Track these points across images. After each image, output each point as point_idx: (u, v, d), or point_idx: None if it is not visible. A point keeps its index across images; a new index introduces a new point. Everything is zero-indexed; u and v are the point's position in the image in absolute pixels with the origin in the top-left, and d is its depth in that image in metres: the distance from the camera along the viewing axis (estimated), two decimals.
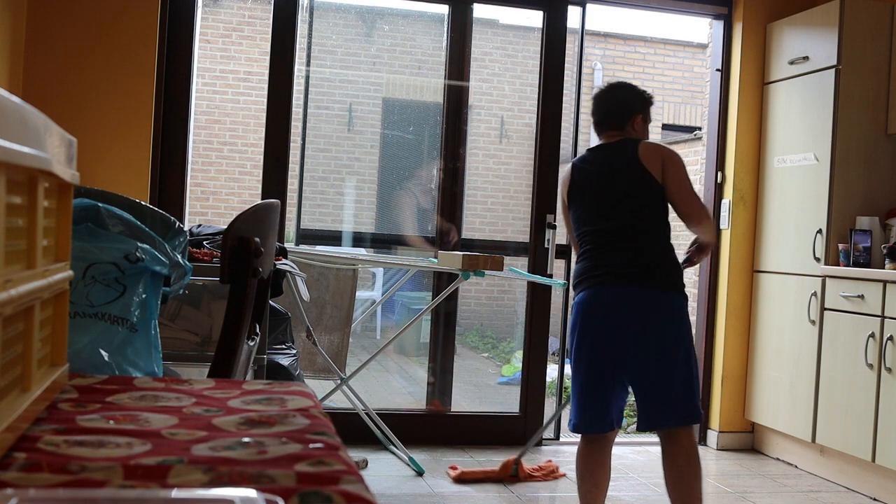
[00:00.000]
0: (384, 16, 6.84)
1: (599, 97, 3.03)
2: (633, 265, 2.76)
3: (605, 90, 3.05)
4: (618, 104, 2.98)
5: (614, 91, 3.04)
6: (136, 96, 3.81)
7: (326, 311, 3.92)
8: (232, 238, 1.54)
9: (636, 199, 2.82)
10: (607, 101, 3.01)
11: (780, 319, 4.24)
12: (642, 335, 2.73)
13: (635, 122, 2.96)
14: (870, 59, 4.01)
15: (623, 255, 2.78)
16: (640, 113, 2.98)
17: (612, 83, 3.10)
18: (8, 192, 0.77)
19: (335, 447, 0.86)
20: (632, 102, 2.99)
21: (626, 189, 2.82)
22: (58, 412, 0.96)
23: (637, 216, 2.81)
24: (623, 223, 2.81)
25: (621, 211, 2.83)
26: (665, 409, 2.75)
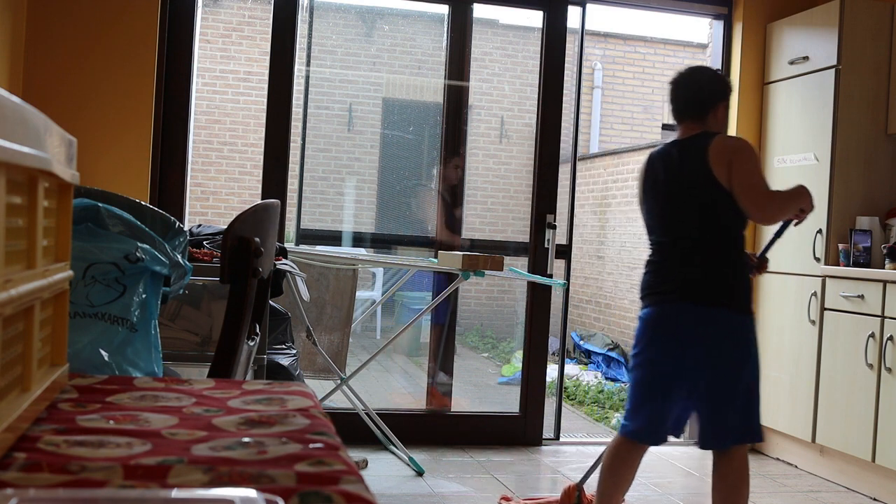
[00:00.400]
0: (384, 16, 6.84)
1: (678, 82, 2.80)
2: (699, 284, 2.64)
3: (685, 74, 2.81)
4: (699, 90, 2.75)
5: (695, 75, 2.81)
6: (136, 96, 3.81)
7: (326, 311, 3.92)
8: (232, 238, 1.54)
9: (706, 209, 2.66)
10: (687, 86, 2.77)
11: (780, 319, 4.24)
12: (706, 357, 2.64)
13: (718, 110, 2.76)
14: (870, 59, 4.02)
15: (690, 272, 2.65)
16: (724, 100, 2.77)
17: (691, 66, 2.88)
18: (8, 192, 0.77)
19: (335, 447, 0.86)
20: (714, 88, 2.77)
21: (695, 197, 2.67)
22: (58, 412, 0.96)
23: (707, 229, 2.66)
24: (691, 236, 2.68)
25: (689, 223, 2.68)
26: (723, 433, 2.68)
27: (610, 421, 5.55)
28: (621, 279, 7.56)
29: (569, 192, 4.67)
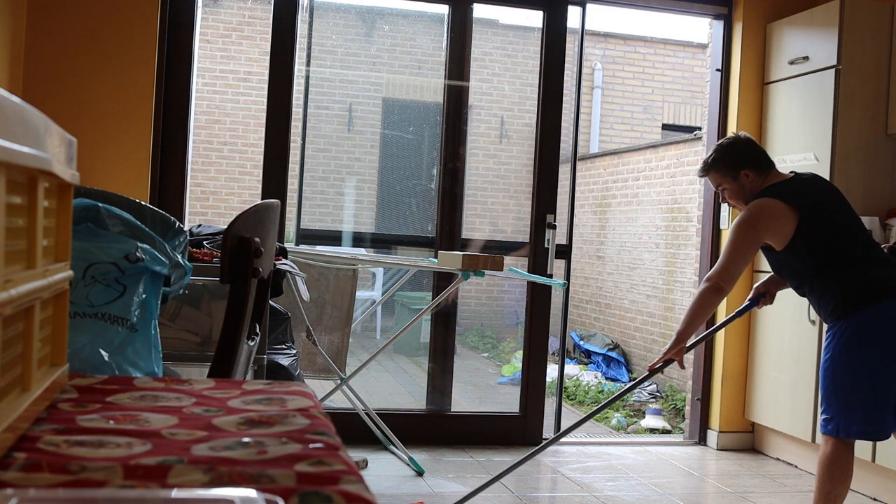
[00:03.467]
0: (384, 16, 6.84)
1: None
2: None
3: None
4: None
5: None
6: (136, 96, 3.81)
7: (326, 311, 3.92)
8: (232, 238, 1.54)
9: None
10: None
11: (780, 319, 4.24)
12: None
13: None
14: (870, 59, 4.02)
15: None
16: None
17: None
18: (8, 192, 0.77)
19: (335, 447, 0.86)
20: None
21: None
22: (58, 412, 0.96)
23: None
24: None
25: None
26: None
27: (610, 421, 5.55)
28: (621, 279, 7.56)
29: (569, 192, 4.67)
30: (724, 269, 2.92)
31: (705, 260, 4.65)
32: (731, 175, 3.04)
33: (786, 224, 2.90)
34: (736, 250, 2.91)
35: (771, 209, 2.91)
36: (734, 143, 3.09)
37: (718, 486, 3.92)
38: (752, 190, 3.02)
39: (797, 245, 2.89)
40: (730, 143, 3.11)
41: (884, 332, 2.81)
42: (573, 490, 3.70)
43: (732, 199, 3.08)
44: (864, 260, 2.88)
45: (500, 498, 3.49)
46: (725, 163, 3.05)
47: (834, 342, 2.87)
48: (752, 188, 3.02)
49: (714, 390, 4.58)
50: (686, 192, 6.54)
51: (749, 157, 3.04)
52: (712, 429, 4.58)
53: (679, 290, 6.54)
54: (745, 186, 3.02)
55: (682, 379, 6.09)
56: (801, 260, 2.93)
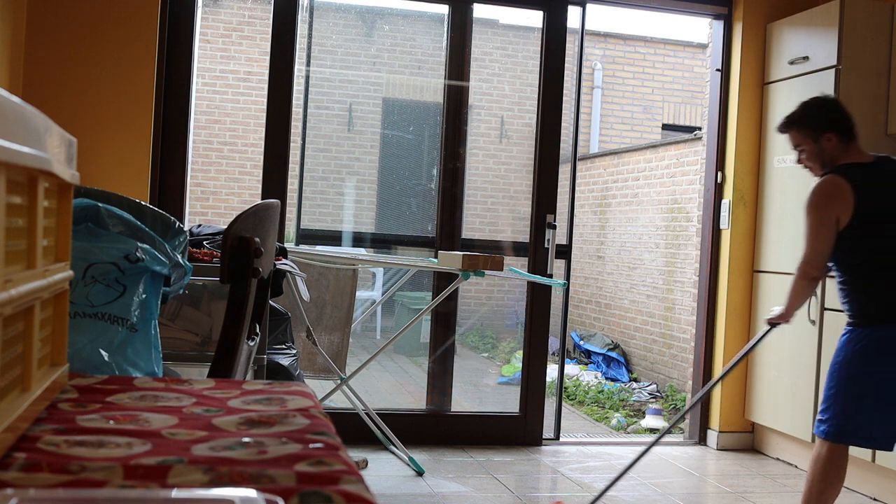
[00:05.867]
0: (384, 16, 6.84)
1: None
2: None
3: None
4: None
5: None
6: (136, 96, 3.81)
7: (326, 311, 3.92)
8: (232, 238, 1.54)
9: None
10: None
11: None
12: None
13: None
14: (870, 59, 4.02)
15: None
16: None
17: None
18: (8, 192, 0.77)
19: (335, 447, 0.86)
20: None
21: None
22: (58, 412, 0.96)
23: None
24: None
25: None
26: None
27: (610, 421, 5.55)
28: (621, 279, 7.56)
29: (569, 192, 4.67)
30: (811, 259, 2.86)
31: (705, 260, 4.65)
32: (812, 136, 2.91)
33: (848, 207, 2.79)
34: (815, 235, 2.83)
35: (839, 188, 2.81)
36: (822, 104, 2.96)
37: (718, 486, 3.92)
38: (831, 156, 2.89)
39: (847, 232, 2.81)
40: (818, 102, 2.97)
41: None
42: (573, 490, 3.70)
43: (810, 162, 2.95)
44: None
45: (500, 498, 3.49)
46: (810, 122, 2.91)
47: (849, 347, 2.83)
48: (832, 154, 2.89)
49: (714, 390, 4.58)
50: (686, 192, 6.54)
51: (835, 120, 2.90)
52: (712, 429, 4.58)
53: (679, 290, 6.54)
54: (825, 150, 2.89)
55: (682, 379, 6.09)
56: (839, 251, 2.84)
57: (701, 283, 4.69)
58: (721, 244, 4.57)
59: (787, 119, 2.99)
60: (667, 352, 6.67)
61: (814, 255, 2.86)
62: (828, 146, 2.89)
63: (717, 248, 4.59)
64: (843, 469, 2.84)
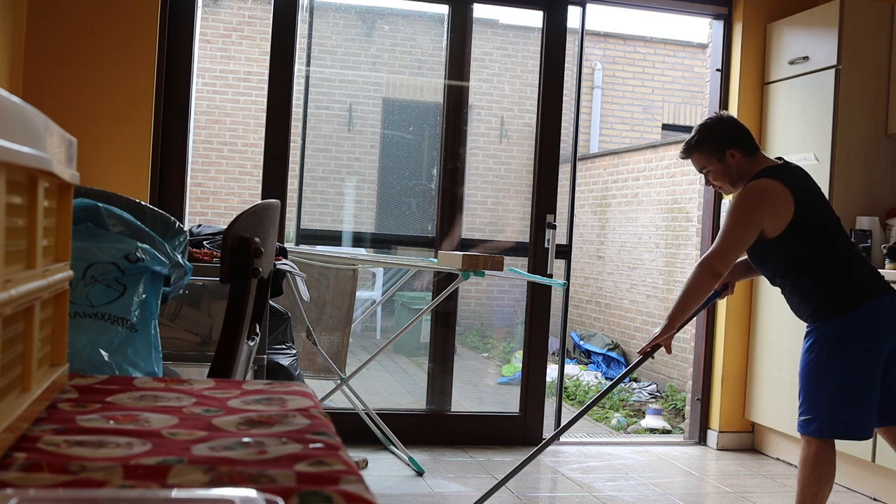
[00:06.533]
0: (384, 16, 6.84)
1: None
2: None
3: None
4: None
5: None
6: (136, 96, 3.81)
7: (326, 311, 3.92)
8: (232, 238, 1.54)
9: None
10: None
11: (780, 319, 4.24)
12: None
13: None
14: (870, 59, 4.02)
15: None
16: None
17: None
18: (8, 192, 0.77)
19: (335, 447, 0.86)
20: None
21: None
22: (58, 412, 0.96)
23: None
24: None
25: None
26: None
27: (610, 421, 5.55)
28: (621, 279, 7.56)
29: (569, 192, 4.67)
30: (721, 253, 2.80)
31: None
32: (716, 156, 2.90)
33: (786, 210, 2.77)
34: (735, 234, 2.79)
35: (776, 191, 2.78)
36: (718, 122, 2.95)
37: (718, 486, 3.92)
38: (739, 172, 2.89)
39: (788, 236, 2.78)
40: (713, 121, 2.96)
41: (870, 332, 2.77)
42: (573, 490, 3.70)
43: (718, 181, 2.95)
44: (847, 260, 2.82)
45: (500, 498, 3.49)
46: (710, 143, 2.90)
47: (819, 344, 2.81)
48: (738, 170, 2.89)
49: (714, 390, 4.58)
50: (686, 192, 6.54)
51: (734, 136, 2.90)
52: (712, 429, 4.58)
53: (679, 290, 6.53)
54: (731, 167, 2.89)
55: (682, 379, 6.09)
56: (788, 252, 2.81)
57: None
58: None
59: (686, 144, 2.98)
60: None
61: (727, 251, 2.81)
62: (732, 162, 2.89)
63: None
64: (833, 465, 2.82)
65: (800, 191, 2.81)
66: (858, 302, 2.77)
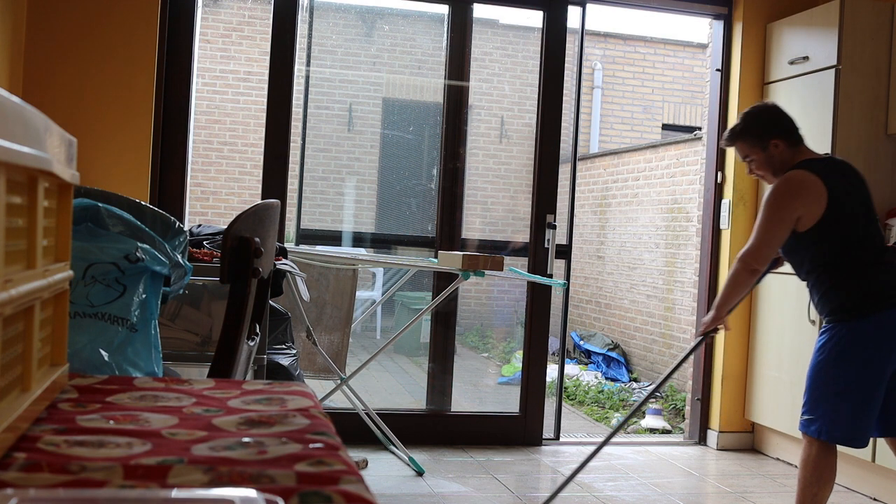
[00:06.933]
0: (384, 16, 6.84)
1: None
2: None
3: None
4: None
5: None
6: (136, 96, 3.81)
7: (326, 311, 3.92)
8: (232, 238, 1.54)
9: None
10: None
11: (780, 319, 4.24)
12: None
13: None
14: (870, 59, 4.02)
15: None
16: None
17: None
18: (8, 192, 0.77)
19: (335, 447, 0.86)
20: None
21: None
22: (58, 412, 0.96)
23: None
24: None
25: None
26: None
27: (610, 421, 5.55)
28: (621, 279, 7.56)
29: (569, 192, 4.67)
30: (756, 251, 2.82)
31: (705, 260, 4.65)
32: (759, 145, 2.88)
33: (819, 204, 2.75)
34: (769, 228, 2.79)
35: (809, 183, 2.76)
36: (763, 111, 2.94)
37: (718, 486, 3.92)
38: (782, 162, 2.87)
39: (815, 234, 2.78)
40: (758, 110, 2.95)
41: (880, 341, 2.76)
42: (573, 490, 3.69)
43: (760, 171, 2.93)
44: (873, 264, 2.79)
45: (500, 498, 3.49)
46: (754, 131, 2.89)
47: (830, 345, 2.81)
48: (782, 160, 2.87)
49: (714, 390, 4.58)
50: (686, 192, 6.54)
51: (779, 125, 2.89)
52: (712, 429, 4.58)
53: (679, 290, 6.54)
54: (774, 157, 2.87)
55: (682, 379, 6.09)
56: (813, 250, 2.81)
57: (701, 283, 4.69)
58: (721, 244, 4.57)
59: (731, 131, 2.97)
60: (667, 352, 6.67)
61: (763, 247, 2.82)
62: (776, 152, 2.88)
63: (717, 248, 4.59)
64: (834, 466, 2.82)
65: (836, 187, 2.78)
66: (874, 310, 2.75)
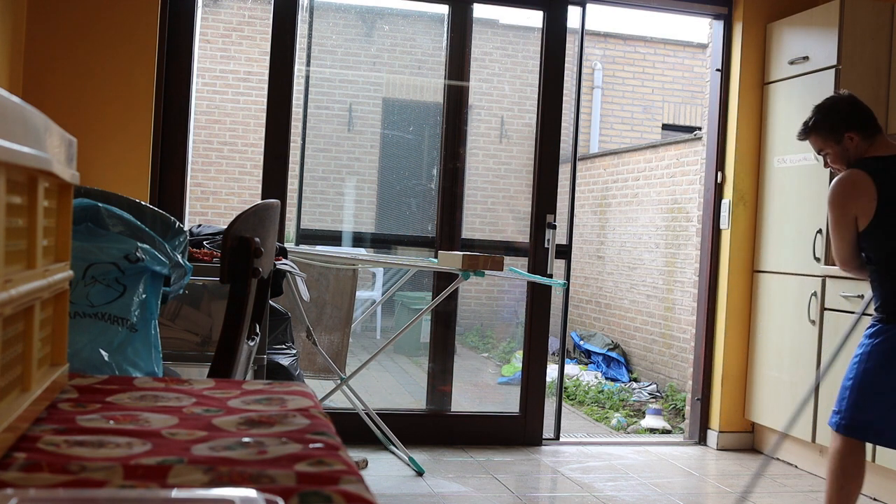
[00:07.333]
0: (384, 16, 6.84)
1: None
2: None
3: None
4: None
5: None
6: (136, 96, 3.81)
7: (326, 311, 3.92)
8: (232, 238, 1.54)
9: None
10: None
11: (780, 319, 4.24)
12: None
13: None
14: (870, 59, 4.01)
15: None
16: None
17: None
18: (8, 192, 0.77)
19: (335, 447, 0.86)
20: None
21: None
22: (58, 412, 0.96)
23: None
24: None
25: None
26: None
27: (610, 421, 5.55)
28: (621, 279, 7.56)
29: (569, 192, 4.67)
30: (837, 256, 2.88)
31: (705, 260, 4.65)
32: (833, 138, 2.83)
33: (870, 203, 2.72)
34: (835, 233, 2.82)
35: (858, 183, 2.74)
36: (836, 104, 2.88)
37: (718, 486, 3.92)
38: (857, 155, 2.81)
39: (867, 233, 2.76)
40: (832, 102, 2.89)
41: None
42: (573, 490, 3.70)
43: (836, 164, 2.88)
44: None
45: (500, 498, 3.49)
46: (828, 124, 2.83)
47: (872, 342, 2.78)
48: (857, 153, 2.81)
49: (714, 390, 4.58)
50: (686, 192, 6.54)
51: (853, 118, 2.83)
52: (712, 429, 4.58)
53: (679, 290, 6.54)
54: (849, 150, 2.82)
55: (682, 379, 6.09)
56: (866, 248, 2.80)
57: (701, 283, 4.69)
58: (721, 244, 4.57)
59: (805, 125, 2.92)
60: (667, 352, 6.67)
61: (838, 252, 2.87)
62: (851, 145, 2.82)
63: (717, 248, 4.59)
64: (861, 461, 2.79)
65: (886, 184, 2.73)
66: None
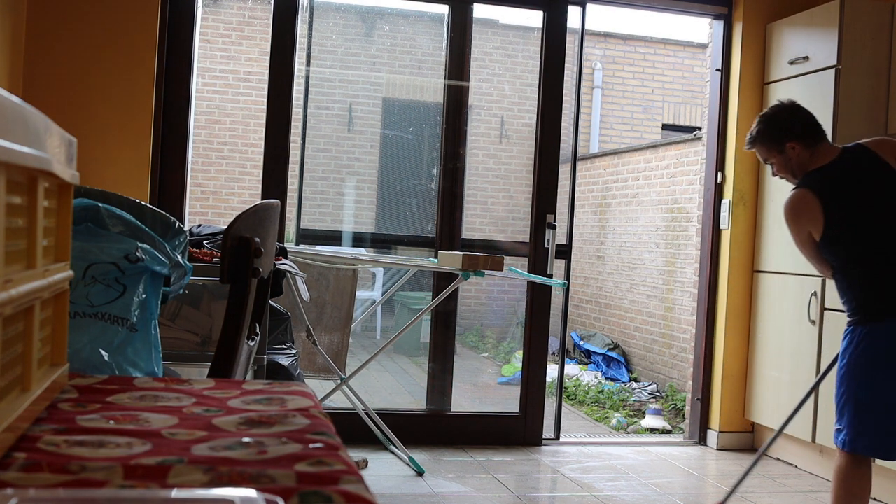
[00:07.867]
0: (384, 16, 6.84)
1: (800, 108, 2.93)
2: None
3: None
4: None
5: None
6: (136, 96, 3.81)
7: (326, 311, 3.92)
8: (232, 238, 1.54)
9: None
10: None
11: (780, 319, 4.24)
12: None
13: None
14: (870, 59, 4.01)
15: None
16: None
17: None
18: (8, 192, 0.77)
19: (335, 447, 0.86)
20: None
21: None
22: (58, 412, 0.96)
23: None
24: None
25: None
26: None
27: (610, 421, 5.55)
28: (621, 279, 7.56)
29: (569, 192, 4.67)
30: (812, 264, 2.91)
31: (705, 260, 4.65)
32: (776, 149, 2.85)
33: (817, 220, 2.76)
34: (799, 248, 2.89)
35: (804, 204, 2.78)
36: (776, 113, 2.89)
37: (718, 486, 3.92)
38: (800, 164, 2.84)
39: (824, 241, 2.79)
40: (773, 112, 2.91)
41: (888, 352, 2.72)
42: (573, 490, 3.70)
43: (781, 173, 2.91)
44: (885, 266, 2.74)
45: (500, 498, 3.49)
46: (768, 135, 2.86)
47: (850, 349, 2.77)
48: (800, 162, 2.84)
49: (714, 390, 4.58)
50: (686, 192, 6.54)
51: (795, 128, 2.84)
52: (712, 429, 4.58)
53: (679, 290, 6.54)
54: (791, 159, 2.84)
55: (682, 379, 6.09)
56: (828, 254, 2.82)
57: (701, 283, 4.69)
58: (721, 244, 4.57)
59: (749, 136, 2.95)
60: (667, 352, 6.67)
61: (811, 262, 2.94)
62: (793, 154, 2.85)
63: (717, 248, 4.59)
64: (865, 480, 2.75)
65: (832, 200, 2.76)
66: (890, 314, 2.72)
